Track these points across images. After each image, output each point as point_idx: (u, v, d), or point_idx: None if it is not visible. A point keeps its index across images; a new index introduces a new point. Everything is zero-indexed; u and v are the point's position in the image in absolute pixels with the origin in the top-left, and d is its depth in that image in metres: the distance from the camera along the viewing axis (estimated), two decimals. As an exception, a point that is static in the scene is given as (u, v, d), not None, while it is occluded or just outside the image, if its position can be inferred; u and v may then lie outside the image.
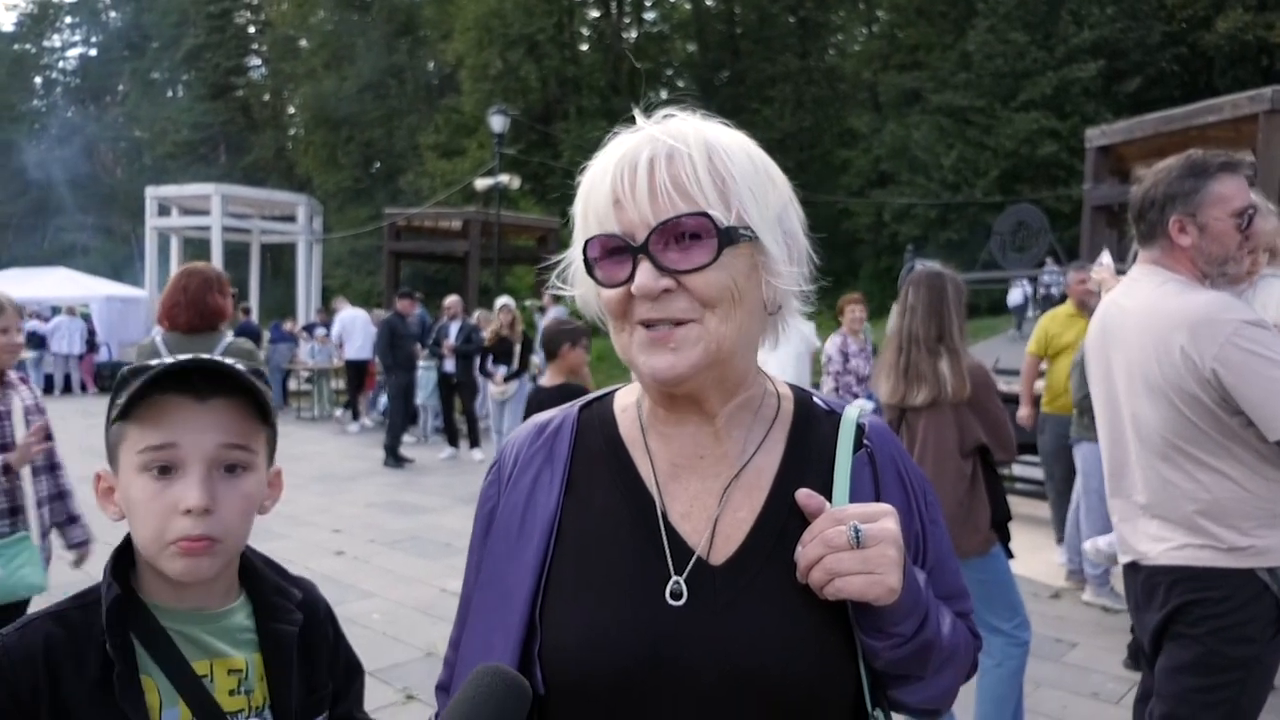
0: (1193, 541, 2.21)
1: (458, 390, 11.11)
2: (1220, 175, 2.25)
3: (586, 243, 0.97)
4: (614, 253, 0.95)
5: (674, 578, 0.96)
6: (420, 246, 20.94)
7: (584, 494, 1.04)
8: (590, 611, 0.96)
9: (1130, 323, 2.35)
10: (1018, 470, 7.39)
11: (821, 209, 30.78)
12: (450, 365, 10.88)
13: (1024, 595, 3.39)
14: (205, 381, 1.08)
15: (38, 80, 55.49)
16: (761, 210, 0.95)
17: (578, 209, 0.99)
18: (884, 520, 0.92)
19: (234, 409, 1.10)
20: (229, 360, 1.11)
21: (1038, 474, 7.24)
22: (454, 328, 10.87)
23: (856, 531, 0.90)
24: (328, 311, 16.27)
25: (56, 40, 56.66)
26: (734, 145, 0.96)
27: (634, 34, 40.27)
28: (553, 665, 0.95)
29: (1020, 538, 3.54)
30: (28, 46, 55.49)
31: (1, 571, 2.81)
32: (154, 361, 1.07)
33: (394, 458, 10.40)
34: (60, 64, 56.89)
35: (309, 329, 15.70)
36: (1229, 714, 2.19)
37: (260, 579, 1.21)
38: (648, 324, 0.94)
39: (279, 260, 35.59)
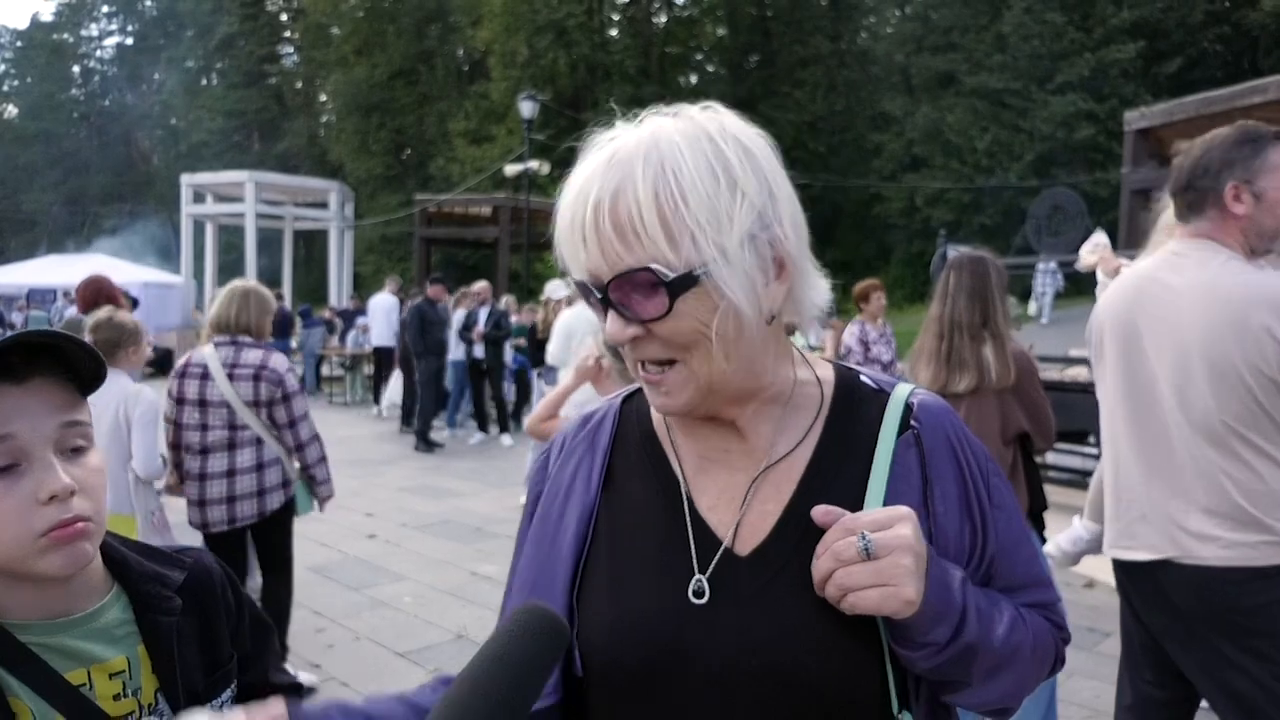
0: (1247, 539, 2.04)
1: (487, 376, 11.16)
2: (1277, 145, 2.14)
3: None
4: (589, 294, 0.93)
5: (697, 576, 0.96)
6: (451, 233, 21.04)
7: (621, 485, 1.06)
8: (618, 602, 0.98)
9: (1183, 301, 2.16)
10: (1050, 458, 7.29)
11: (853, 194, 30.51)
12: (480, 351, 10.94)
13: (1058, 585, 3.35)
14: (22, 363, 0.97)
15: (75, 69, 56.33)
16: (720, 236, 0.86)
17: (555, 237, 0.95)
18: (898, 526, 0.87)
19: (58, 384, 1.01)
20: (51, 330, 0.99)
21: (1071, 462, 7.14)
22: (483, 313, 10.91)
23: (866, 542, 0.85)
24: (361, 298, 16.38)
25: (94, 29, 57.50)
26: (689, 163, 0.86)
27: (663, 18, 40.02)
28: (586, 651, 0.98)
29: (1054, 527, 3.50)
30: (66, 36, 56.33)
31: None
32: None
33: (425, 442, 10.49)
34: (98, 53, 57.77)
35: (344, 315, 15.83)
36: None
37: (128, 569, 1.10)
38: (641, 364, 0.94)
39: (311, 246, 35.95)
